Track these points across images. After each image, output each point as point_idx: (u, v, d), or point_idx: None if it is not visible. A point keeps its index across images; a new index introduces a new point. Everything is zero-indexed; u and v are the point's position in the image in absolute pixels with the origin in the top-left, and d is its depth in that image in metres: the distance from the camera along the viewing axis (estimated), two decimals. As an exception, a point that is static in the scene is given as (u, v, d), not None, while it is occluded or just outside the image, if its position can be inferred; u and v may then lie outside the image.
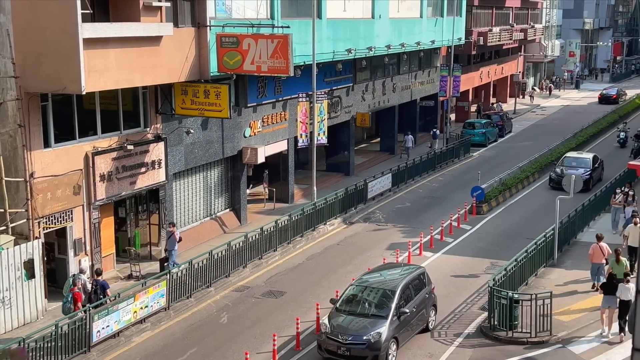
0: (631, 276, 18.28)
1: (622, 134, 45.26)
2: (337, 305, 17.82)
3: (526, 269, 21.58)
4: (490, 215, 30.40)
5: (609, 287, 18.48)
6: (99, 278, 18.79)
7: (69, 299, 18.00)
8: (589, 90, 77.83)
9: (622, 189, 27.90)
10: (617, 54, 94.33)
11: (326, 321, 17.33)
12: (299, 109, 29.72)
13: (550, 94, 73.19)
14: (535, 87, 74.27)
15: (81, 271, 19.15)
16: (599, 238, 21.59)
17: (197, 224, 26.45)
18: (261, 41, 23.37)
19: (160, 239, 23.99)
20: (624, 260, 19.91)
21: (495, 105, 59.25)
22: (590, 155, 35.95)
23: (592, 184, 33.53)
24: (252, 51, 23.34)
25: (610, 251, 20.94)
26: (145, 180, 22.85)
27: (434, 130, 43.97)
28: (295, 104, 30.00)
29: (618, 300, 18.24)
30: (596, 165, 35.20)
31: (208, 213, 27.10)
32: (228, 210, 28.03)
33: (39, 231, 19.42)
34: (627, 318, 17.25)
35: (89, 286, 18.64)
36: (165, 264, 22.42)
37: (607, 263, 20.77)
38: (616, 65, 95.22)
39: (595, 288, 21.04)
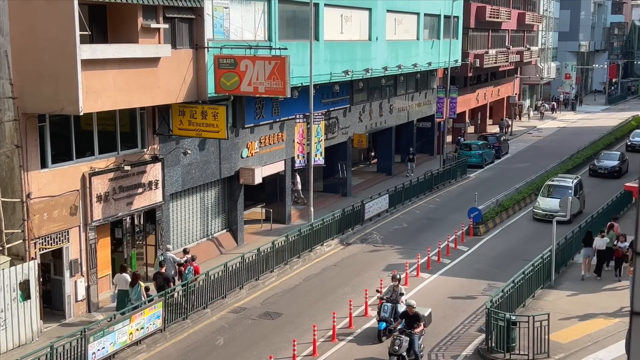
0: (605, 231, 24.69)
1: None
2: None
3: (523, 290, 21.53)
4: (487, 236, 30.39)
5: (587, 241, 24.65)
6: (188, 255, 22.08)
7: (191, 270, 21.29)
8: (585, 112, 78.17)
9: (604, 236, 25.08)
10: (612, 76, 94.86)
11: None
12: (296, 130, 29.79)
13: (553, 112, 74.83)
14: (545, 104, 75.14)
15: (167, 250, 22.42)
16: None
17: (194, 245, 26.38)
18: (259, 63, 23.46)
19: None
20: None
21: (503, 121, 59.70)
22: None
23: None
24: (250, 72, 23.43)
25: None
26: (142, 201, 22.83)
27: (410, 154, 41.86)
28: (292, 125, 30.07)
29: (595, 251, 24.23)
30: None
31: (205, 234, 27.05)
32: (225, 231, 27.99)
33: (35, 252, 19.35)
34: (602, 265, 24.43)
35: (177, 259, 22.06)
36: None
37: None
38: (612, 87, 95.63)
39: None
